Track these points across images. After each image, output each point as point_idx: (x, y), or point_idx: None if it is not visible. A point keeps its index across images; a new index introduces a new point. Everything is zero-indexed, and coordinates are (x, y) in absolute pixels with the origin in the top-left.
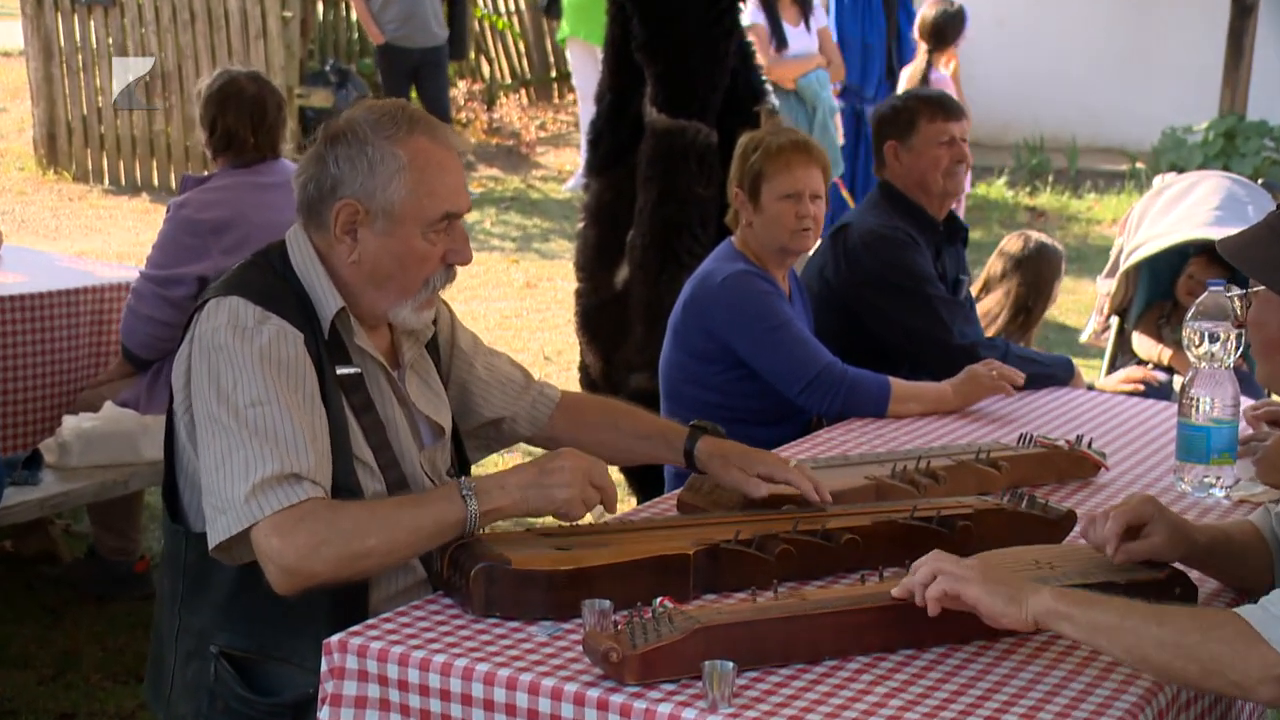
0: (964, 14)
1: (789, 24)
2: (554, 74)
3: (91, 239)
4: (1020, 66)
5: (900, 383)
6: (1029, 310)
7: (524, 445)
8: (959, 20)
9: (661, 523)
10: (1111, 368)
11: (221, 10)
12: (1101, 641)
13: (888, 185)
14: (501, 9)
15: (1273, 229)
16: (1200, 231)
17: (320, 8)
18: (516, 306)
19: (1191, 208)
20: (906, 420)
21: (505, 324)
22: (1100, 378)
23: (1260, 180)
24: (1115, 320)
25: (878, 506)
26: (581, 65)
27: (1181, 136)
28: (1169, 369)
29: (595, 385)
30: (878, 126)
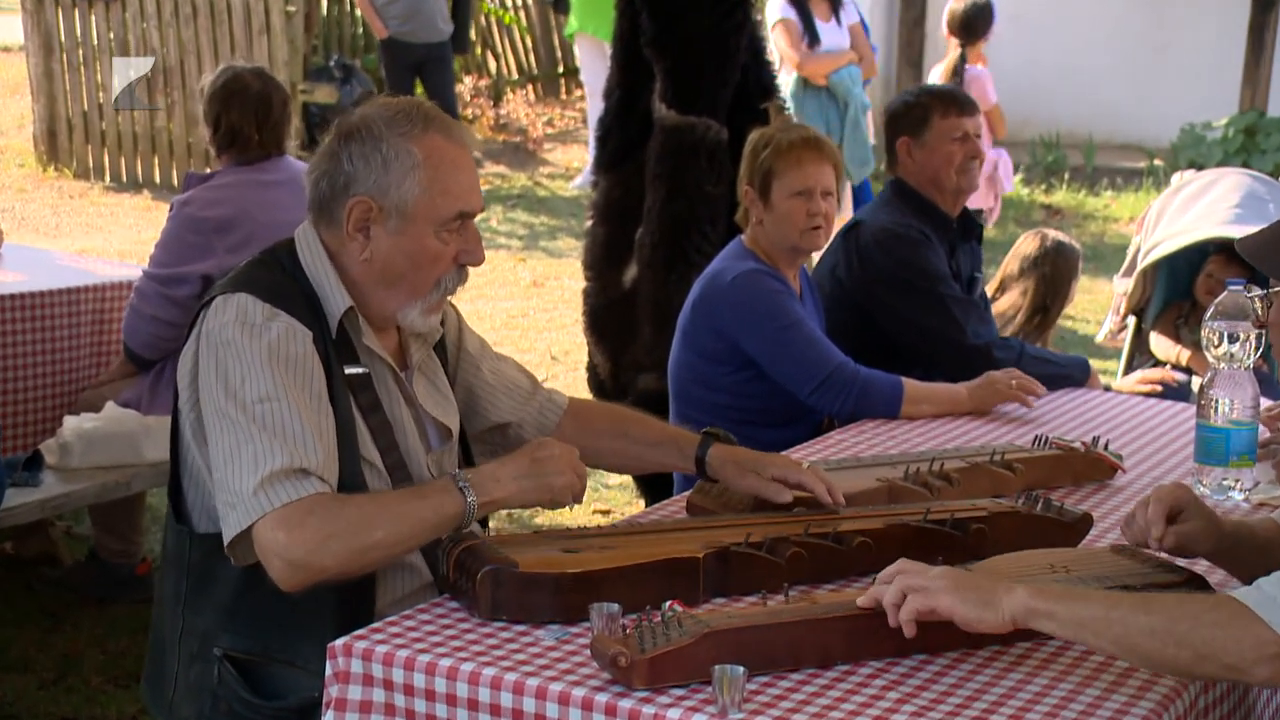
0: (992, 7)
1: (819, 19)
2: (561, 69)
3: (93, 237)
4: (1036, 61)
5: (913, 383)
6: (1046, 310)
7: None
8: (988, 13)
9: (671, 525)
10: (1128, 368)
11: (224, 5)
12: (1088, 636)
13: (900, 182)
14: (508, 3)
15: None
16: (1220, 230)
17: (324, 2)
18: (523, 306)
19: (1211, 205)
20: (919, 422)
21: (511, 323)
22: (1117, 378)
23: None
24: (1132, 320)
25: (890, 509)
26: (590, 60)
27: (1201, 133)
28: (1187, 370)
29: (603, 386)
30: (889, 122)
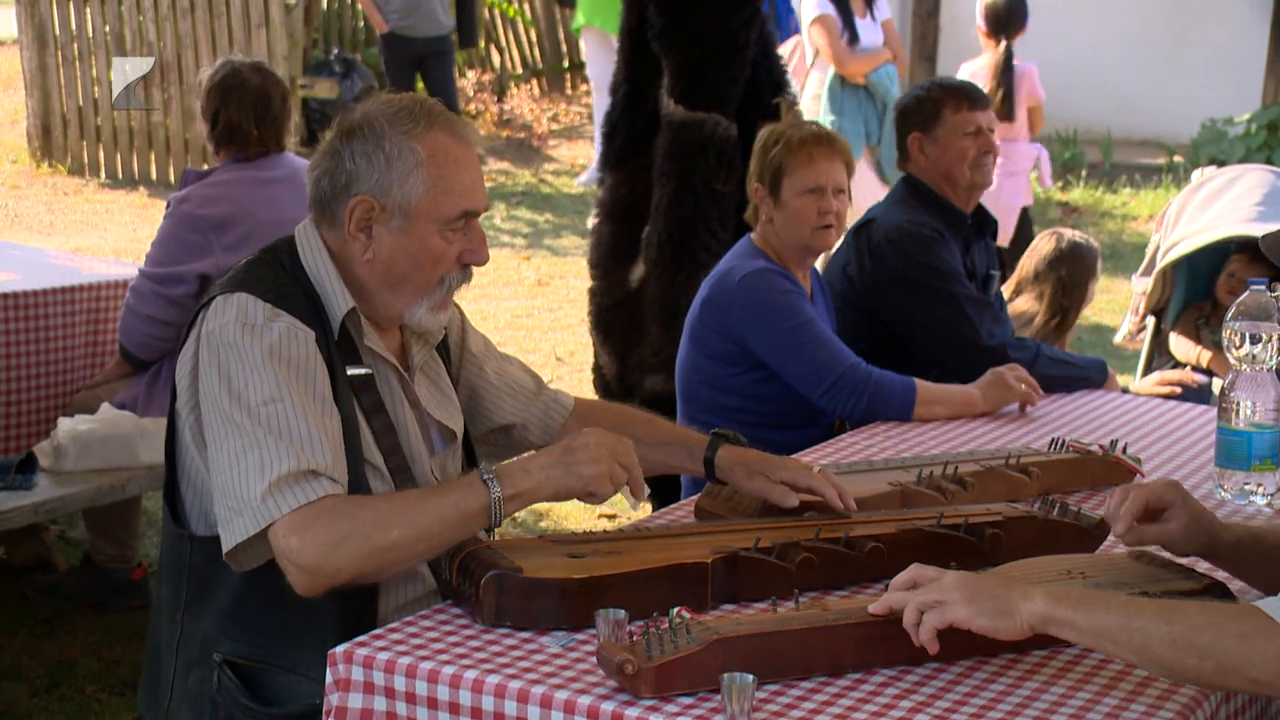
0: (1026, 1)
1: (856, 15)
2: (567, 64)
3: (87, 234)
4: (1052, 55)
5: (926, 385)
6: (1064, 311)
7: None
8: (1024, 7)
9: (678, 530)
10: (1147, 370)
11: None
12: (1107, 645)
13: (912, 179)
14: None
15: None
16: (1242, 228)
17: None
18: (527, 305)
19: (1232, 203)
20: (933, 424)
21: (516, 323)
22: (1135, 380)
23: None
24: (1151, 320)
25: (903, 514)
26: (596, 55)
27: (1222, 128)
28: (1208, 371)
29: (609, 387)
30: (900, 118)
